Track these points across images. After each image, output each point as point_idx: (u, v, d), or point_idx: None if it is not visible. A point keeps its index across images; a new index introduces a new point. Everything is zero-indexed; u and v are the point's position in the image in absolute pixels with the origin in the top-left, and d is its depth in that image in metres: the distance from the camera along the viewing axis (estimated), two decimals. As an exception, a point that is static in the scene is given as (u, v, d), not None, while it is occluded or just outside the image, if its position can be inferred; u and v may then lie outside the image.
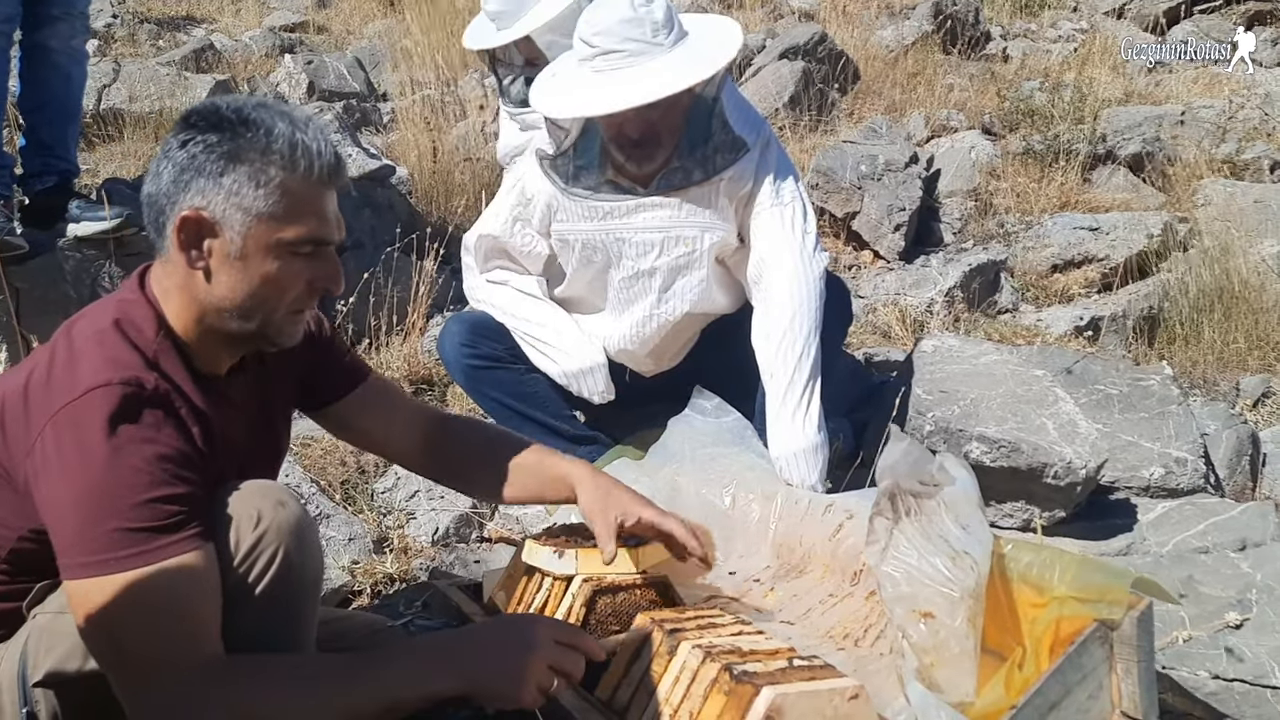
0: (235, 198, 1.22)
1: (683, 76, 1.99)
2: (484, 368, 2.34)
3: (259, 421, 1.44)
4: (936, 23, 5.59)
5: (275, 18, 5.71)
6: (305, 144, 1.24)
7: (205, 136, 1.23)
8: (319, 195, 1.26)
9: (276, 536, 1.24)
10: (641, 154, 2.09)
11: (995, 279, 3.57)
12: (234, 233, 1.24)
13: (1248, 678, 1.65)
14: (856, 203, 3.76)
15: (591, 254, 2.22)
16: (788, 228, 2.13)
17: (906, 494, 1.43)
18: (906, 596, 1.37)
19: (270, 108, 1.26)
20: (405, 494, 2.35)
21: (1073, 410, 2.33)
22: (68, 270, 2.79)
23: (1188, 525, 2.20)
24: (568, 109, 2.09)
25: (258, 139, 1.23)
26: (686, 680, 1.39)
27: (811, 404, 2.04)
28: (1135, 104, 4.95)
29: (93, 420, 1.15)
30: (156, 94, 4.00)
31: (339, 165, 1.29)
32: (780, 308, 2.09)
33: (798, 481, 1.98)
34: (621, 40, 1.98)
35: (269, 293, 1.27)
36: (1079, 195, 4.09)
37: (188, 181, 1.23)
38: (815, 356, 2.06)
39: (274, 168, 1.23)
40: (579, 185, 2.17)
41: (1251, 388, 3.01)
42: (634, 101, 1.97)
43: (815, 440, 2.02)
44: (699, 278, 2.18)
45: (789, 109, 4.55)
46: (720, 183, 2.11)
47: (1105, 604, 1.33)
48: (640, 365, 2.36)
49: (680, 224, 2.13)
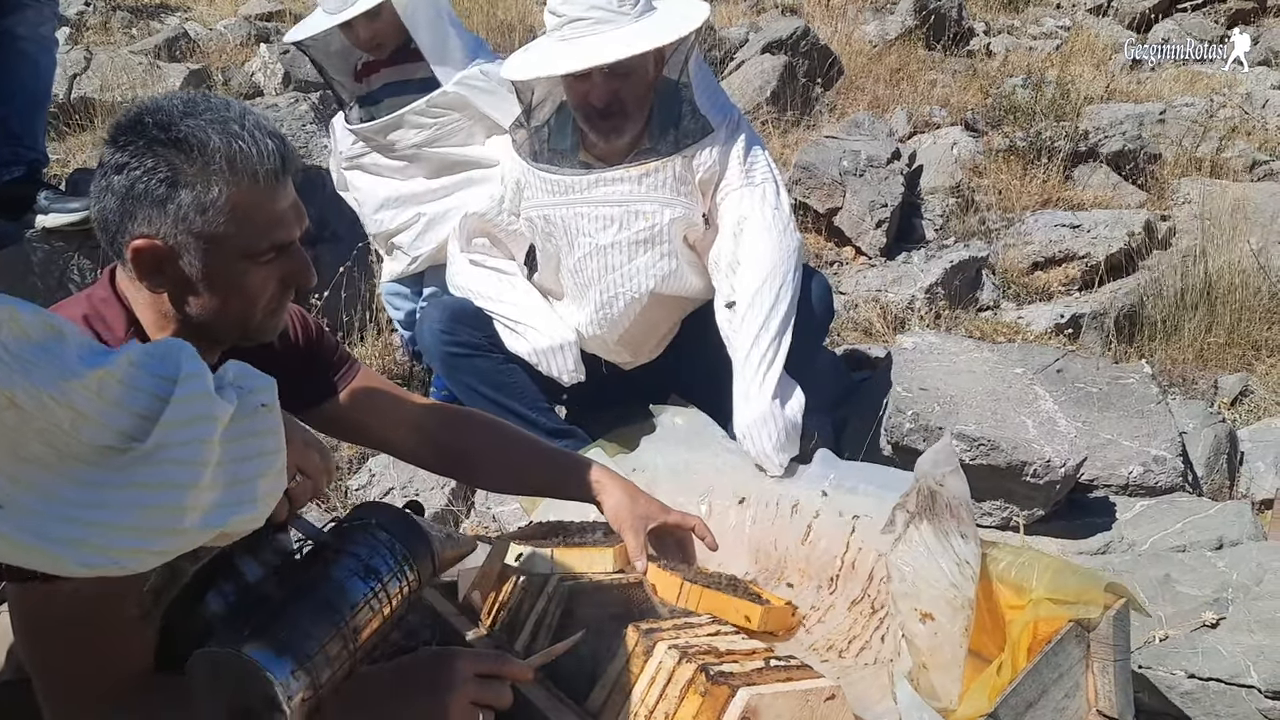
0: (184, 224, 1.16)
1: (647, 39, 2.03)
2: (462, 355, 2.31)
3: None
4: (920, 18, 5.59)
5: (250, 6, 5.64)
6: (244, 151, 1.16)
7: (141, 162, 1.15)
8: (270, 198, 1.20)
9: None
10: (608, 126, 2.11)
11: (976, 276, 3.57)
12: (191, 257, 1.18)
13: (1223, 677, 1.65)
14: (839, 198, 3.75)
15: (552, 230, 2.22)
16: (758, 204, 2.14)
17: (930, 494, 1.42)
18: (912, 594, 1.36)
19: (199, 115, 1.17)
20: (379, 491, 2.33)
21: (1052, 408, 2.32)
22: (35, 262, 2.74)
23: (1165, 524, 2.20)
24: (531, 69, 2.12)
25: (194, 159, 1.15)
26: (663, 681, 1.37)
27: (769, 375, 2.02)
28: (1117, 101, 4.96)
29: None
30: (129, 83, 3.94)
31: (286, 156, 1.21)
32: (746, 282, 2.08)
33: (756, 454, 1.96)
34: (587, 8, 2.03)
35: (240, 303, 1.24)
36: (1060, 192, 4.09)
37: (132, 211, 1.17)
38: (777, 329, 2.04)
39: (216, 186, 1.16)
40: (547, 161, 2.20)
41: (1230, 386, 3.02)
42: (596, 60, 2.01)
43: (768, 408, 1.98)
44: (661, 253, 2.17)
45: (771, 104, 4.53)
46: (679, 159, 2.12)
47: (1082, 605, 1.33)
48: (615, 355, 2.34)
49: (639, 199, 2.13)
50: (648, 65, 2.10)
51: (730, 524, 1.87)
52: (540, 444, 1.68)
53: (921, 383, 2.39)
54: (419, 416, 1.62)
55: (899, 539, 1.40)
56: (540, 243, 2.28)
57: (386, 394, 1.63)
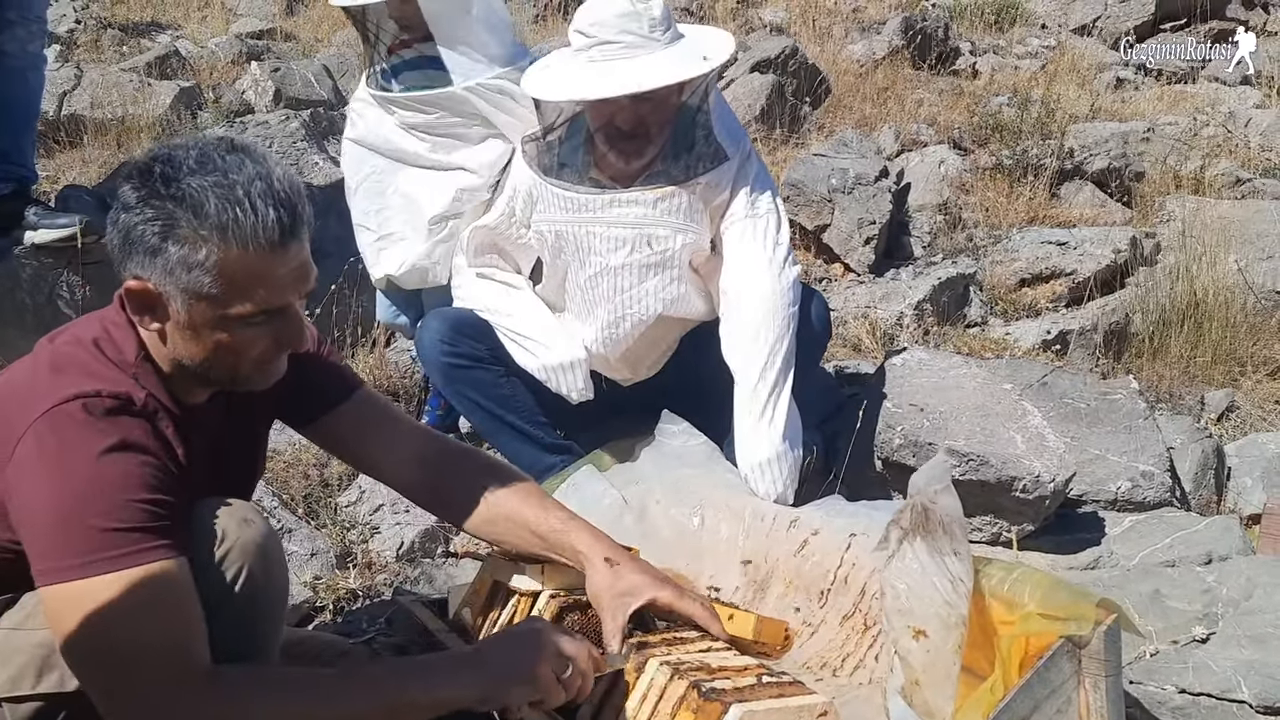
0: (172, 277, 1.17)
1: (681, 69, 2.02)
2: (462, 367, 2.29)
3: (237, 446, 1.42)
4: (907, 38, 5.63)
5: (242, 24, 5.65)
6: (238, 220, 1.15)
7: (142, 210, 1.16)
8: (265, 265, 1.18)
9: (241, 555, 1.22)
10: (629, 148, 2.10)
11: (964, 292, 3.59)
12: (178, 306, 1.19)
13: (1214, 692, 1.65)
14: (827, 215, 3.77)
15: (563, 246, 2.21)
16: (760, 238, 2.14)
17: (924, 510, 1.42)
18: (906, 610, 1.36)
19: (206, 173, 1.16)
20: (369, 508, 2.31)
21: (1041, 424, 2.33)
22: (25, 278, 2.73)
23: (1154, 539, 2.21)
24: (564, 91, 2.10)
25: (188, 218, 1.15)
26: (654, 697, 1.37)
27: (776, 413, 2.02)
28: (1102, 120, 5.01)
29: (77, 424, 1.13)
30: (119, 100, 3.93)
31: (292, 223, 1.19)
32: (747, 317, 2.08)
33: (764, 493, 1.96)
34: (618, 32, 2.01)
35: (226, 357, 1.24)
36: (1047, 210, 4.12)
37: (129, 251, 1.18)
38: (781, 365, 2.05)
39: (205, 249, 1.15)
40: (559, 177, 2.18)
41: (1216, 402, 3.04)
42: (633, 88, 1.99)
43: (779, 449, 1.99)
44: (671, 277, 2.16)
45: (760, 122, 4.56)
46: (697, 187, 2.11)
47: (1073, 621, 1.33)
48: (615, 372, 2.33)
49: (654, 223, 2.12)
50: (675, 92, 2.08)
51: (723, 537, 1.86)
52: (531, 498, 1.55)
53: (911, 399, 2.40)
54: (419, 447, 1.56)
55: (893, 555, 1.40)
56: (549, 256, 2.27)
57: (388, 418, 1.59)
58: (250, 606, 1.24)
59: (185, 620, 1.12)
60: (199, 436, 1.29)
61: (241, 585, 1.22)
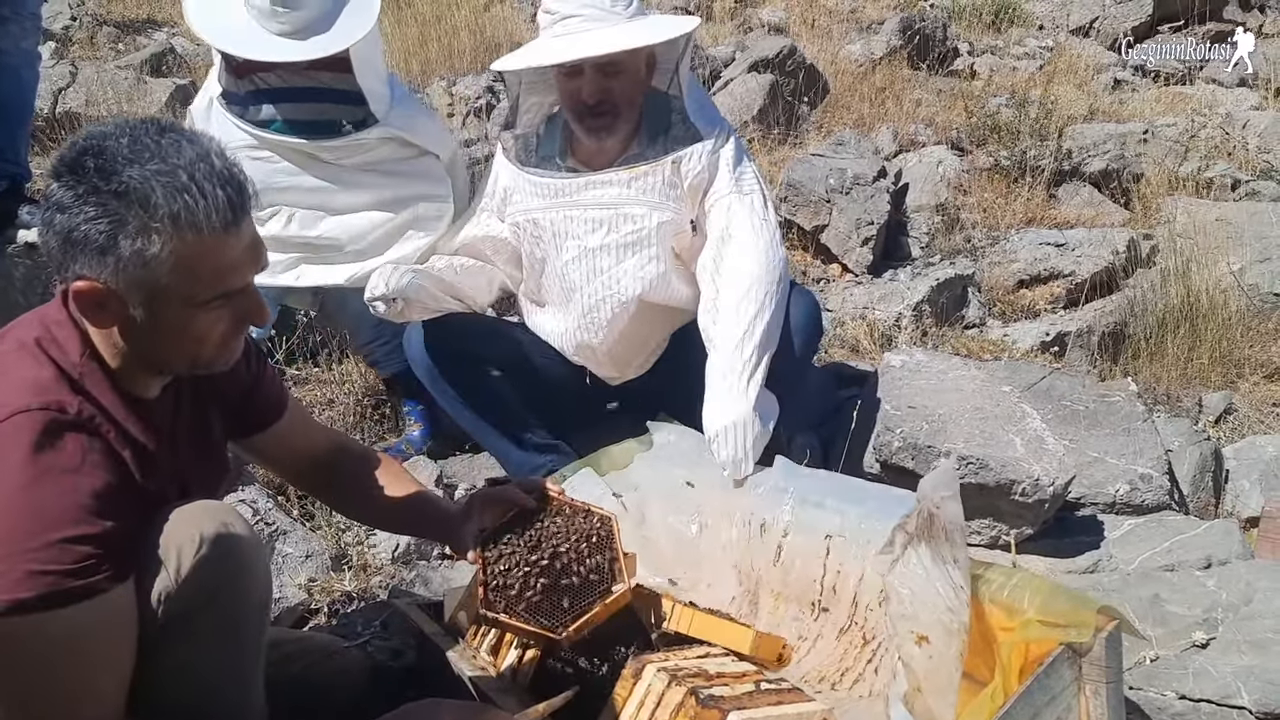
0: (125, 274, 1.12)
1: (639, 37, 2.08)
2: (448, 367, 2.30)
3: (196, 441, 1.38)
4: (905, 38, 5.62)
5: (239, 22, 5.63)
6: (189, 206, 1.11)
7: (82, 208, 1.11)
8: (218, 248, 1.15)
9: (220, 560, 1.19)
10: (599, 125, 2.14)
11: (962, 293, 3.58)
12: (134, 301, 1.15)
13: (1214, 697, 1.65)
14: (825, 216, 3.76)
15: (541, 234, 2.23)
16: (745, 211, 2.14)
17: (929, 516, 1.41)
18: (909, 616, 1.35)
19: (144, 163, 1.11)
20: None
21: (1040, 426, 2.33)
22: (18, 277, 2.72)
23: (1153, 543, 2.20)
24: (521, 59, 2.16)
25: (136, 212, 1.10)
26: (652, 704, 1.36)
27: (751, 383, 1.97)
28: (1100, 121, 5.00)
29: (9, 448, 1.09)
30: (114, 98, 3.92)
31: (239, 200, 1.16)
32: (729, 289, 2.07)
33: (724, 458, 1.90)
34: (581, 6, 2.08)
35: (187, 345, 1.21)
36: (1045, 211, 4.11)
37: (74, 253, 1.12)
38: (761, 340, 2.01)
39: (158, 241, 1.11)
40: (534, 165, 2.24)
41: (1214, 404, 3.03)
42: (589, 52, 2.04)
43: (747, 416, 1.92)
44: (649, 256, 2.17)
45: (758, 122, 4.55)
46: (668, 162, 2.14)
47: (1073, 627, 1.32)
48: (602, 367, 2.32)
49: (629, 201, 2.15)
50: (639, 65, 2.14)
51: (721, 543, 1.85)
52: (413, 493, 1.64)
53: (910, 401, 2.39)
54: (323, 450, 1.64)
55: (897, 560, 1.39)
56: (528, 248, 2.28)
57: (307, 427, 1.64)
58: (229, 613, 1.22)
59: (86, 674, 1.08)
60: (152, 436, 1.25)
61: (220, 592, 1.20)
